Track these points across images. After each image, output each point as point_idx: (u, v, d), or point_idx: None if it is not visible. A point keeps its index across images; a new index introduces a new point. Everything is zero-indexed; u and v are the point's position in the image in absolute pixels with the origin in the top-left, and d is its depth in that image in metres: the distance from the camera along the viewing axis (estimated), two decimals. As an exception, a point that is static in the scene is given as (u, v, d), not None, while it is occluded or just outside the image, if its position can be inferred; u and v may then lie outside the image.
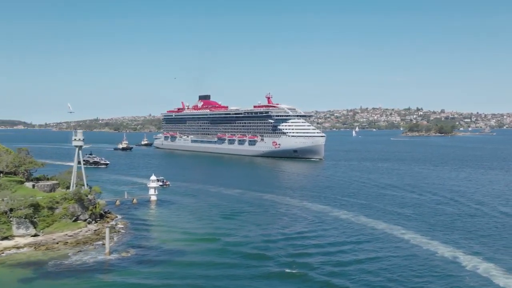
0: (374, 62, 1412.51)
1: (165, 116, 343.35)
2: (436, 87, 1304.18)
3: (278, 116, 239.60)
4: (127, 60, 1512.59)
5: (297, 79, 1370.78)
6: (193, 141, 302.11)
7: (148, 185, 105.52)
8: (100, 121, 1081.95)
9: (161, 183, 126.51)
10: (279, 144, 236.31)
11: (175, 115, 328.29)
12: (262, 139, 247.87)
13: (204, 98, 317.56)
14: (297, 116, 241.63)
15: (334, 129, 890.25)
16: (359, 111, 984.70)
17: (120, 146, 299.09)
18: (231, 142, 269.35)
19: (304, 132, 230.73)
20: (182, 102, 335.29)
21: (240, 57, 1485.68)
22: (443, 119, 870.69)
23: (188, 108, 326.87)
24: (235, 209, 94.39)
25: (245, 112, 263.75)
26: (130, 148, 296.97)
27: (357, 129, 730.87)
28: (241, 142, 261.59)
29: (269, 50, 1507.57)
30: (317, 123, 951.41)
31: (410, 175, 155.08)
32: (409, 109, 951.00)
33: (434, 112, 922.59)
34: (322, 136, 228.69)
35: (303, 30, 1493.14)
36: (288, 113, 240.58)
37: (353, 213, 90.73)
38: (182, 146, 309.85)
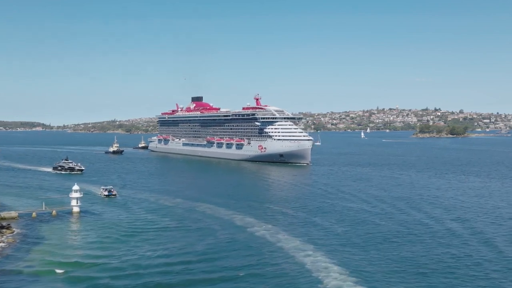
0: (392, 63, 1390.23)
1: (159, 118, 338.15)
2: (456, 87, 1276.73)
3: (264, 118, 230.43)
4: (143, 61, 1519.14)
5: (310, 80, 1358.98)
6: (184, 144, 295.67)
7: (70, 196, 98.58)
8: (117, 123, 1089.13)
9: (106, 193, 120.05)
10: (264, 148, 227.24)
11: (168, 117, 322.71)
12: (249, 143, 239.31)
13: (197, 99, 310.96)
14: (284, 118, 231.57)
15: (349, 130, 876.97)
16: (375, 112, 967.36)
17: (111, 149, 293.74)
18: (220, 145, 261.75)
19: (290, 135, 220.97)
20: (176, 104, 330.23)
21: (240, 57, 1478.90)
22: (461, 119, 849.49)
23: (181, 110, 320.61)
24: (150, 225, 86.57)
25: (233, 115, 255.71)
26: (121, 152, 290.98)
27: (368, 130, 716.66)
28: (229, 145, 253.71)
29: (275, 49, 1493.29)
30: (331, 124, 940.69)
31: (380, 182, 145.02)
32: (426, 109, 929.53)
33: (452, 113, 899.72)
34: (309, 140, 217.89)
35: (315, 29, 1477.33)
36: (275, 115, 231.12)
37: (276, 228, 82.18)
38: (174, 149, 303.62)
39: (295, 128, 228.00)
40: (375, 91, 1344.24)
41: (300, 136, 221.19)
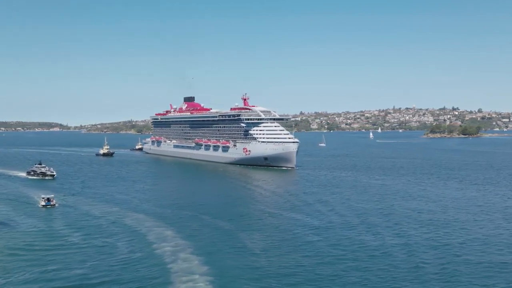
0: (409, 62, 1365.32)
1: (153, 119, 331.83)
2: (475, 86, 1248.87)
3: (248, 119, 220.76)
4: (149, 61, 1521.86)
5: (324, 80, 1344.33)
6: (175, 146, 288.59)
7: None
8: (133, 123, 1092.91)
9: (44, 203, 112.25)
10: (249, 151, 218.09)
11: (160, 118, 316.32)
12: (234, 145, 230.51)
13: (189, 100, 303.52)
14: (270, 119, 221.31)
15: (363, 130, 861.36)
16: (391, 111, 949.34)
17: (101, 151, 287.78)
18: (207, 148, 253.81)
19: (275, 138, 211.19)
20: (170, 104, 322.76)
21: (240, 57, 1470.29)
22: (479, 119, 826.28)
23: (174, 111, 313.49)
24: (52, 240, 78.50)
25: (220, 116, 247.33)
26: (112, 154, 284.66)
27: (379, 130, 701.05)
28: (216, 148, 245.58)
29: (275, 49, 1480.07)
30: (346, 124, 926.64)
31: (348, 189, 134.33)
32: (444, 108, 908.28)
33: (470, 112, 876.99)
34: (294, 142, 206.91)
35: (315, 29, 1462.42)
36: (260, 116, 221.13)
37: (185, 244, 73.19)
38: (165, 151, 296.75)
39: (280, 130, 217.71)
40: (392, 91, 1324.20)
41: (286, 138, 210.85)
